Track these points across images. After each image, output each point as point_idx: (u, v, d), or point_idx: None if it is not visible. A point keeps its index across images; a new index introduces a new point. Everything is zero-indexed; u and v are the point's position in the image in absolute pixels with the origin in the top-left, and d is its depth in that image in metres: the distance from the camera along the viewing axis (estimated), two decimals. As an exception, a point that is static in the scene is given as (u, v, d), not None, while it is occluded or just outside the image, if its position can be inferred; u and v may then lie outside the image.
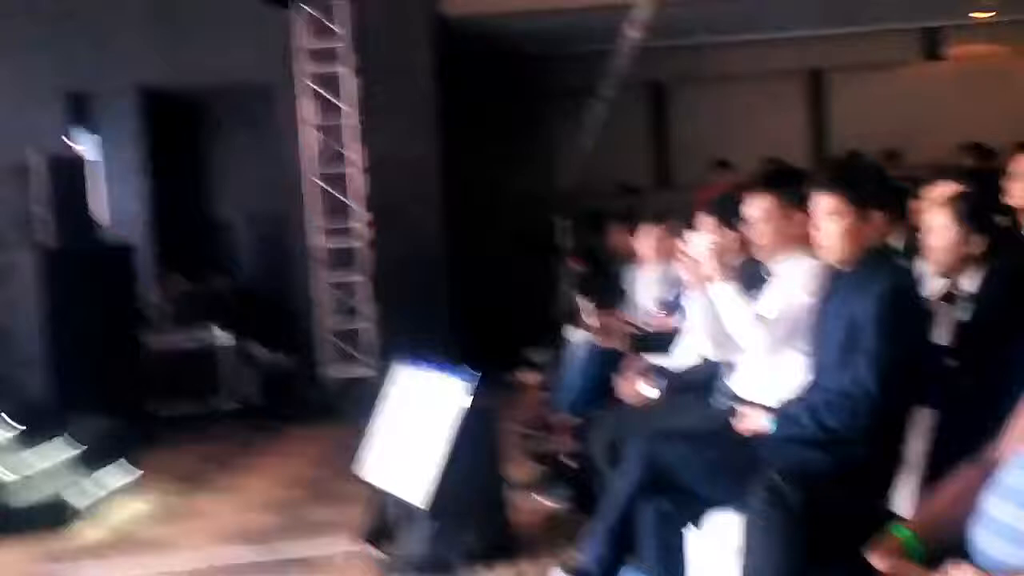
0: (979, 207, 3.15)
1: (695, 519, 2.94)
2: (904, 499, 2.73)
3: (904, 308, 2.88)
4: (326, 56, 8.31)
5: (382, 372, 6.35)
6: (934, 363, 2.96)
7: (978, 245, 3.07)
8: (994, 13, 10.15)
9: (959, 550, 1.89)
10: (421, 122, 8.53)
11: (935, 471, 2.67)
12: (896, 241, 3.94)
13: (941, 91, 10.31)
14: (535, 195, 9.63)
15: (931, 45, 10.64)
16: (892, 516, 2.12)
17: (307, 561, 4.58)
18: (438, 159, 8.59)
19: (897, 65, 10.75)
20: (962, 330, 3.01)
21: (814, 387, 3.06)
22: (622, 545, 3.14)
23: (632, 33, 6.38)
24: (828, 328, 3.06)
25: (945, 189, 3.56)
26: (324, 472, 6.20)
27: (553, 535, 4.54)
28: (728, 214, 4.03)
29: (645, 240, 5.75)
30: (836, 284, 3.15)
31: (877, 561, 1.79)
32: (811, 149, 10.44)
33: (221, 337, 8.18)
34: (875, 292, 2.88)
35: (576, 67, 9.91)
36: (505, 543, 4.37)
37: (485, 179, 9.57)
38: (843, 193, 3.01)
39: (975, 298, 3.05)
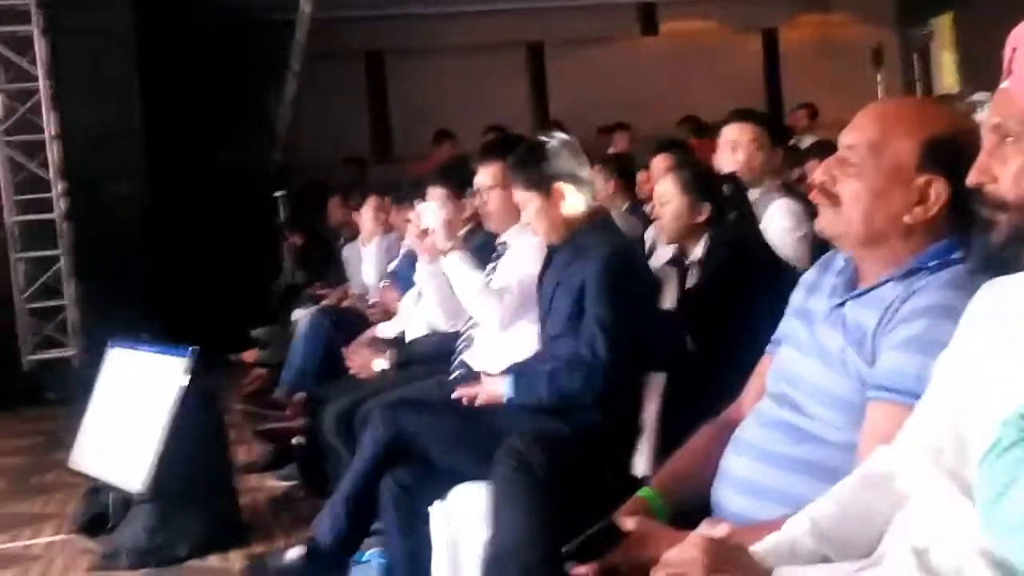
0: (703, 176, 3.27)
1: (438, 492, 2.90)
2: (641, 462, 2.80)
3: (626, 271, 2.96)
4: (14, 16, 7.66)
5: (88, 353, 5.98)
6: (664, 328, 3.06)
7: (704, 213, 3.18)
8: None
9: (702, 508, 1.94)
10: (121, 89, 8.01)
11: (669, 434, 2.78)
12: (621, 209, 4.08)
13: (657, 66, 10.77)
14: (253, 168, 9.33)
15: (647, 20, 11.07)
16: (633, 478, 2.16)
17: (12, 555, 4.23)
18: (141, 129, 8.13)
19: (614, 39, 11.12)
20: (689, 296, 3.13)
21: (546, 357, 3.10)
22: (362, 518, 3.07)
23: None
24: (553, 298, 3.10)
25: (669, 159, 3.71)
26: (25, 462, 5.77)
27: (285, 516, 4.42)
28: (457, 183, 4.03)
29: (367, 213, 5.69)
30: (555, 255, 3.21)
31: (623, 522, 1.81)
32: (533, 122, 10.65)
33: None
34: (595, 258, 2.95)
35: (290, 36, 9.69)
36: (236, 528, 4.20)
37: (198, 151, 9.16)
38: (524, 180, 3.10)
39: (701, 264, 3.18)
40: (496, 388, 3.03)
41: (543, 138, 3.16)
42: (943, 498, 1.41)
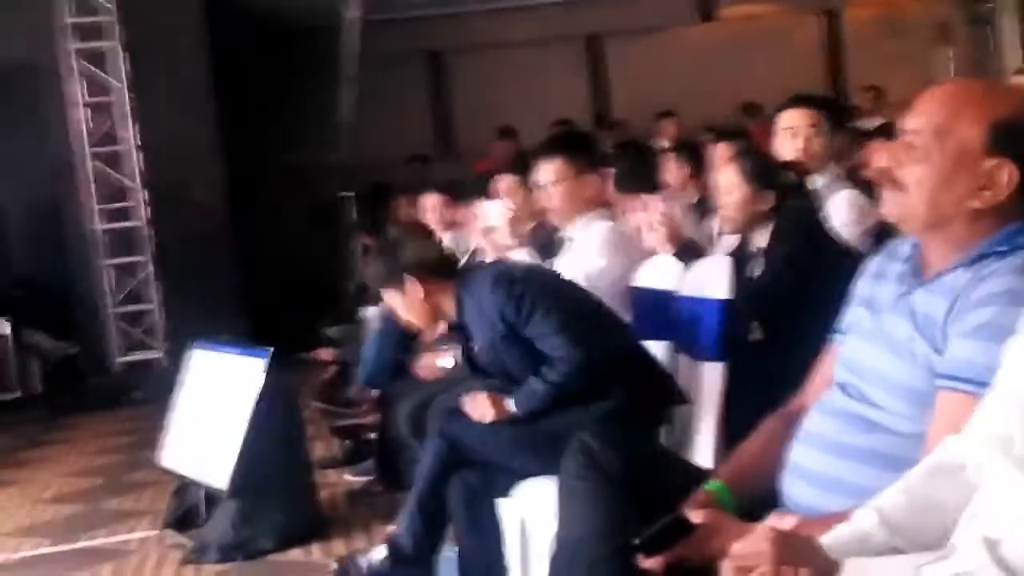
0: (766, 164, 3.27)
1: (504, 490, 2.95)
2: (706, 454, 2.83)
3: (517, 281, 3.07)
4: (92, 31, 7.89)
5: (172, 355, 6.14)
6: (724, 317, 3.07)
7: (766, 201, 3.18)
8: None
9: (769, 499, 1.95)
10: (195, 98, 8.25)
11: (733, 425, 2.80)
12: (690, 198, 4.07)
13: (717, 52, 10.66)
14: (319, 169, 9.47)
15: (705, 6, 10.99)
16: (701, 471, 2.18)
17: (109, 551, 4.39)
18: (215, 135, 8.34)
19: (673, 27, 11.04)
20: (754, 285, 3.13)
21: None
22: (435, 521, 3.12)
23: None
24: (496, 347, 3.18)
25: (731, 148, 3.70)
26: (118, 460, 5.97)
27: (363, 510, 4.52)
28: (525, 175, 4.06)
29: (429, 210, 5.74)
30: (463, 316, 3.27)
31: (693, 515, 1.82)
32: (593, 115, 10.65)
33: (-2, 328, 7.76)
34: (490, 299, 3.06)
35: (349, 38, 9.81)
36: (316, 522, 4.31)
37: (267, 155, 9.34)
38: (562, 157, 3.13)
39: (764, 254, 3.18)
40: (500, 410, 3.08)
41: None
42: (1013, 489, 1.41)
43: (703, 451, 2.87)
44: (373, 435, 4.94)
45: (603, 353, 2.98)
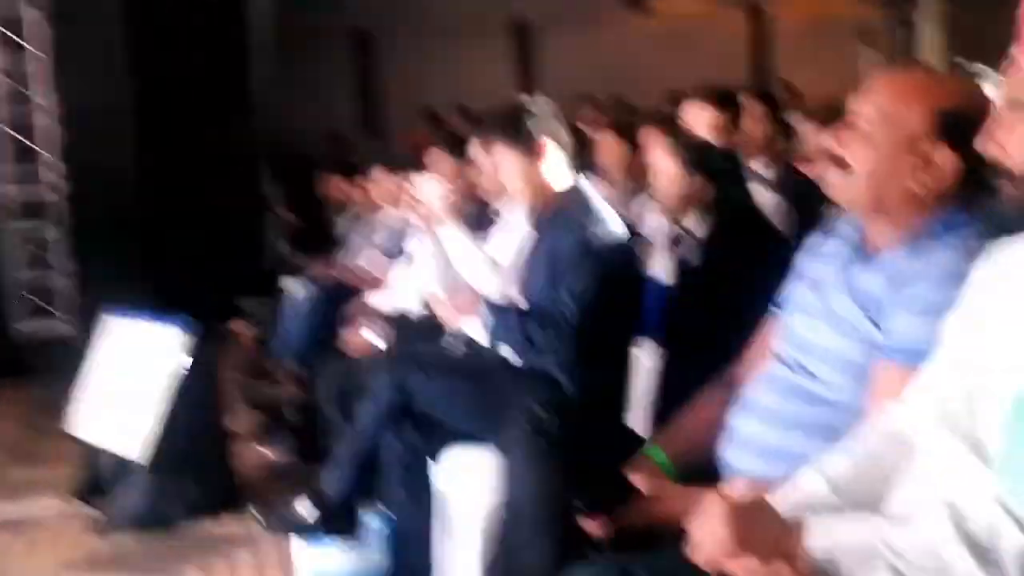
0: (698, 148, 3.30)
1: (443, 451, 2.93)
2: (639, 428, 2.85)
3: (605, 247, 2.98)
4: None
5: (80, 325, 5.98)
6: (658, 299, 3.09)
7: (698, 185, 3.21)
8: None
9: (708, 466, 2.00)
10: (113, 66, 8.01)
11: (665, 402, 2.83)
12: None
13: (645, 44, 10.74)
14: (239, 143, 9.30)
15: (634, -1, 11.07)
16: (640, 440, 2.20)
17: (15, 522, 4.26)
18: (132, 104, 8.13)
19: (602, 17, 11.07)
20: (688, 270, 3.16)
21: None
22: (365, 473, 3.09)
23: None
24: (531, 270, 3.14)
25: (662, 132, 3.74)
26: (22, 429, 5.78)
27: (279, 486, 4.44)
28: (459, 151, 4.04)
29: (370, 186, 5.69)
30: (539, 223, 3.23)
31: (634, 480, 1.85)
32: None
33: None
34: (575, 230, 2.98)
35: (275, 13, 9.66)
36: (231, 495, 4.24)
37: (188, 127, 9.13)
38: (507, 138, 3.11)
39: (702, 241, 3.20)
40: (471, 310, 3.09)
41: (526, 98, 3.18)
42: (957, 458, 1.45)
43: (636, 426, 2.89)
44: (292, 408, 4.88)
45: (599, 349, 2.95)
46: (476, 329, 3.51)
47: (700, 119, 3.72)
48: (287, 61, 9.36)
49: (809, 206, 3.73)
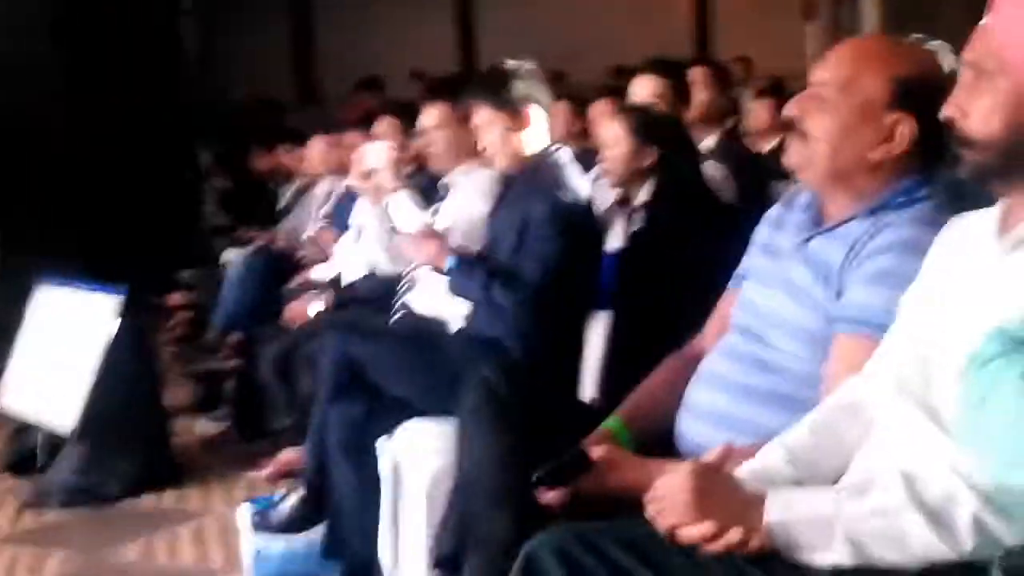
0: (649, 120, 3.28)
1: (386, 427, 2.89)
2: (590, 395, 2.84)
3: (575, 214, 2.97)
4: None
5: (7, 296, 5.82)
6: (610, 270, 3.08)
7: (649, 157, 3.19)
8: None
9: (666, 438, 1.98)
10: (35, 32, 7.79)
11: (615, 369, 2.82)
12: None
13: (587, 13, 10.66)
14: (172, 109, 9.11)
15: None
16: (593, 411, 2.18)
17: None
18: (57, 68, 7.90)
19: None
20: (636, 239, 3.14)
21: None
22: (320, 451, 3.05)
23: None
24: (500, 232, 3.10)
25: (613, 104, 3.71)
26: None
27: (217, 458, 4.38)
28: (407, 120, 3.99)
29: (316, 152, 5.59)
30: (507, 190, 3.20)
31: (592, 450, 1.85)
32: (461, 67, 10.52)
33: None
34: (547, 194, 2.96)
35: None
36: (168, 470, 4.15)
37: (117, 91, 8.91)
38: (493, 100, 3.09)
39: (646, 208, 3.19)
40: (437, 257, 3.05)
41: (513, 63, 3.14)
42: (914, 425, 1.46)
43: (587, 391, 2.89)
44: (230, 381, 4.79)
45: (560, 317, 2.94)
46: (424, 299, 3.49)
47: (646, 90, 3.69)
48: (222, 26, 9.19)
49: (751, 179, 3.76)
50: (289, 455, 3.82)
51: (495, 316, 2.96)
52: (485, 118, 3.12)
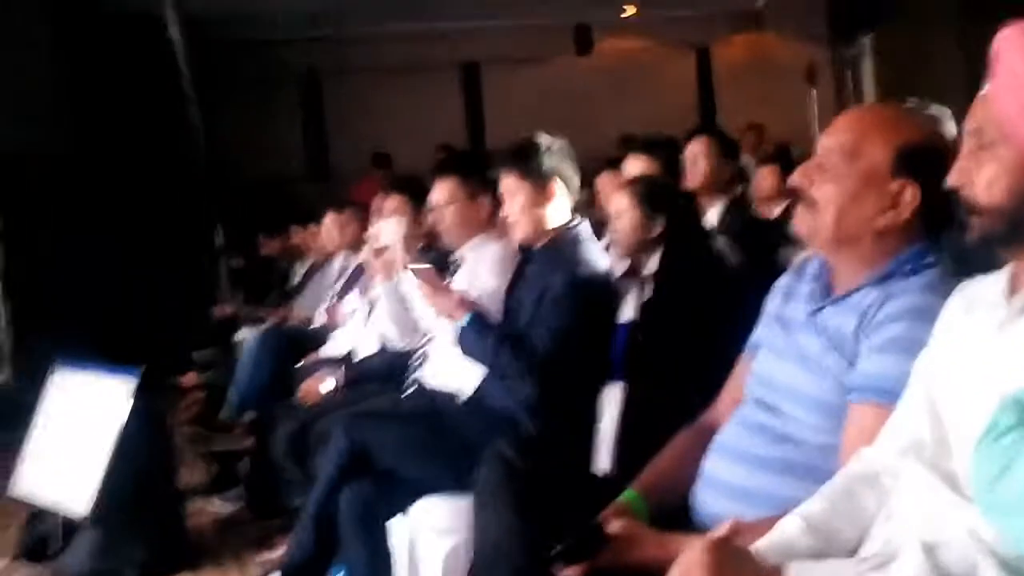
0: (657, 190, 3.30)
1: (398, 506, 2.88)
2: (603, 467, 2.82)
3: (593, 289, 2.99)
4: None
5: (23, 378, 5.84)
6: (622, 341, 3.07)
7: (658, 227, 3.20)
8: (637, 11, 10.77)
9: (682, 510, 1.98)
10: (47, 109, 7.88)
11: (629, 440, 2.81)
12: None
13: (593, 85, 10.80)
14: (184, 189, 9.20)
15: (582, 39, 11.11)
16: (613, 484, 2.17)
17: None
18: (72, 152, 7.99)
19: (549, 59, 11.13)
20: (645, 309, 3.14)
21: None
22: (329, 536, 3.02)
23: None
24: (518, 304, 3.12)
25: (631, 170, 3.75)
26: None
27: (232, 539, 4.34)
28: (417, 196, 4.01)
29: (331, 228, 5.63)
30: (527, 264, 3.21)
31: (609, 525, 1.84)
32: (469, 142, 10.64)
33: None
34: (566, 269, 2.98)
35: (220, 56, 9.63)
36: (182, 552, 4.12)
37: (129, 174, 9.02)
38: (521, 171, 3.13)
39: (655, 278, 3.19)
40: (455, 310, 3.05)
41: (545, 137, 3.19)
42: (932, 492, 1.45)
43: (601, 463, 2.86)
44: (243, 460, 4.78)
45: (559, 396, 2.93)
46: (436, 373, 3.49)
47: (638, 170, 3.75)
48: (237, 107, 9.31)
49: (758, 246, 3.78)
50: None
51: (506, 388, 2.95)
52: (511, 186, 3.16)
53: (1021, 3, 1.95)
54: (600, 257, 3.12)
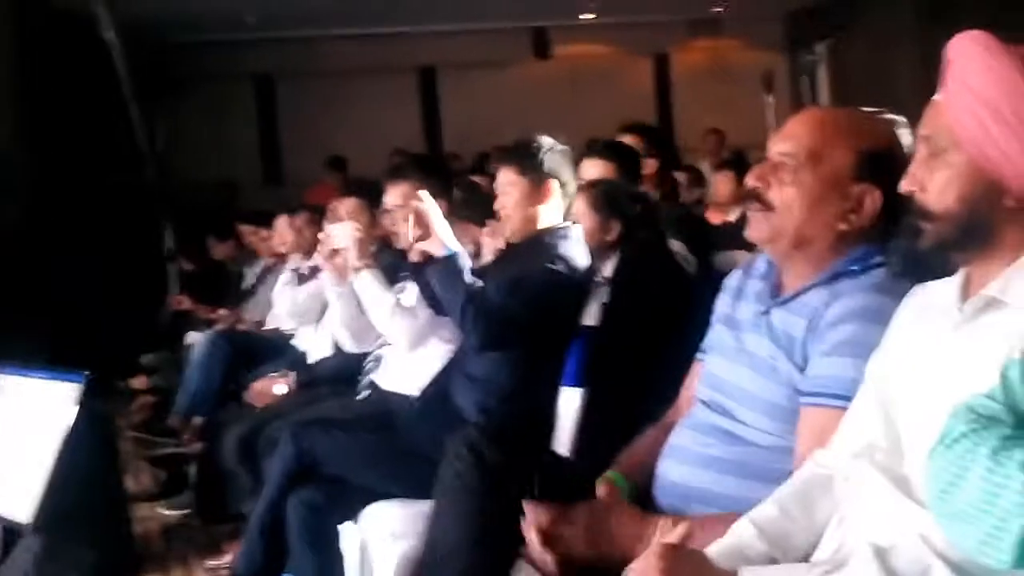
0: (613, 194, 3.28)
1: (347, 511, 2.83)
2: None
3: (562, 288, 2.97)
4: None
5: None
6: (584, 343, 3.05)
7: (615, 231, 3.19)
8: (596, 16, 10.80)
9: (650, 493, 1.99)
10: (4, 106, 7.77)
11: (587, 443, 2.78)
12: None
13: (551, 90, 10.79)
14: (135, 192, 9.08)
15: (539, 44, 11.11)
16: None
17: None
18: (22, 151, 7.87)
19: (507, 63, 11.09)
20: (603, 312, 3.12)
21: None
22: (276, 544, 2.98)
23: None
24: (489, 283, 3.07)
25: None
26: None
27: (180, 545, 4.28)
28: (373, 199, 3.98)
29: (284, 230, 5.56)
30: (507, 252, 3.21)
31: (601, 493, 1.92)
32: (426, 146, 10.60)
33: None
34: (539, 266, 2.95)
35: (177, 57, 9.53)
36: (129, 559, 4.03)
37: (80, 173, 8.88)
38: (520, 166, 3.11)
39: (611, 282, 3.17)
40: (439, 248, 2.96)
41: (548, 139, 3.19)
42: (884, 495, 1.44)
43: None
44: (192, 465, 4.70)
45: (519, 388, 2.94)
46: (390, 376, 3.45)
47: (593, 174, 3.74)
48: (191, 109, 9.21)
49: (709, 250, 3.82)
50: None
51: (469, 382, 2.94)
52: (508, 180, 3.14)
53: (977, 12, 1.96)
54: (582, 256, 3.08)
